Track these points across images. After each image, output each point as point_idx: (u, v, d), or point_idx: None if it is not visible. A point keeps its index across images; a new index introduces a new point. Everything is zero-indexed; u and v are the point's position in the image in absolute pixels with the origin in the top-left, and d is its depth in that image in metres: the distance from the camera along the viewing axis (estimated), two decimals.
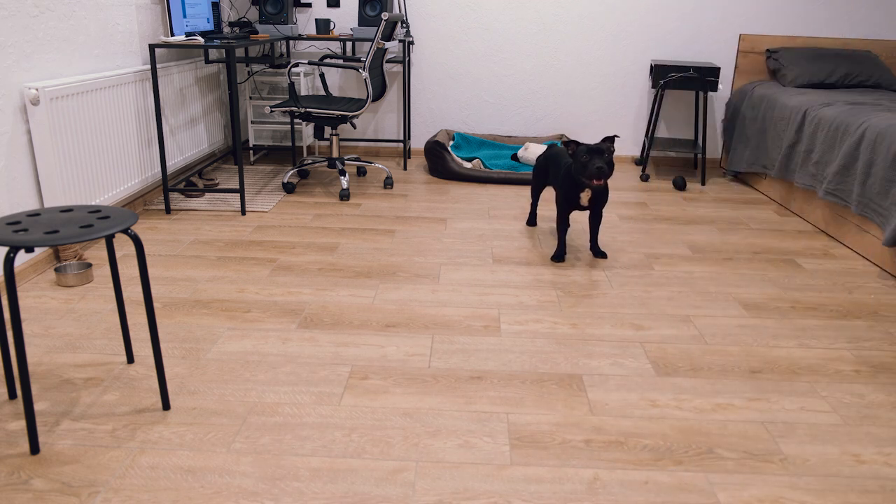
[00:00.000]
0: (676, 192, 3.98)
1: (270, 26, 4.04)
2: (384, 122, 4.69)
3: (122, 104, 3.01)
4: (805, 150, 3.42)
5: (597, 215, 2.85)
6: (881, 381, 1.97)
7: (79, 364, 1.94)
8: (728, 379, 1.96)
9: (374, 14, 4.14)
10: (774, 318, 2.36)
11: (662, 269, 2.77)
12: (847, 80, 4.06)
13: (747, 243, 3.12)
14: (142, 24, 3.31)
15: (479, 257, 2.84)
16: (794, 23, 4.36)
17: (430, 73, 4.55)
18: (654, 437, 1.68)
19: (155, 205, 3.44)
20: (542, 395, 1.85)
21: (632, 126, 4.62)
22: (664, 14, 4.36)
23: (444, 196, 3.74)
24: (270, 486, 1.47)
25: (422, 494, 1.46)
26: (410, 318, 2.28)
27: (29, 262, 2.51)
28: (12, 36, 2.39)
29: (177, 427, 1.67)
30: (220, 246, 2.89)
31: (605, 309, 2.39)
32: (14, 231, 1.45)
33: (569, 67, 4.51)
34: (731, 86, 4.50)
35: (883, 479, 1.56)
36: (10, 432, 1.63)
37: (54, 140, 2.52)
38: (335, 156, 3.83)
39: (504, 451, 1.61)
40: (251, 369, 1.94)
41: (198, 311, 2.29)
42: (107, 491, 1.44)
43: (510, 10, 4.40)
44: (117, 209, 1.63)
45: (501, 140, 4.58)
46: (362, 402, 1.80)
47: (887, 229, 2.71)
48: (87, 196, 2.76)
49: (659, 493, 1.49)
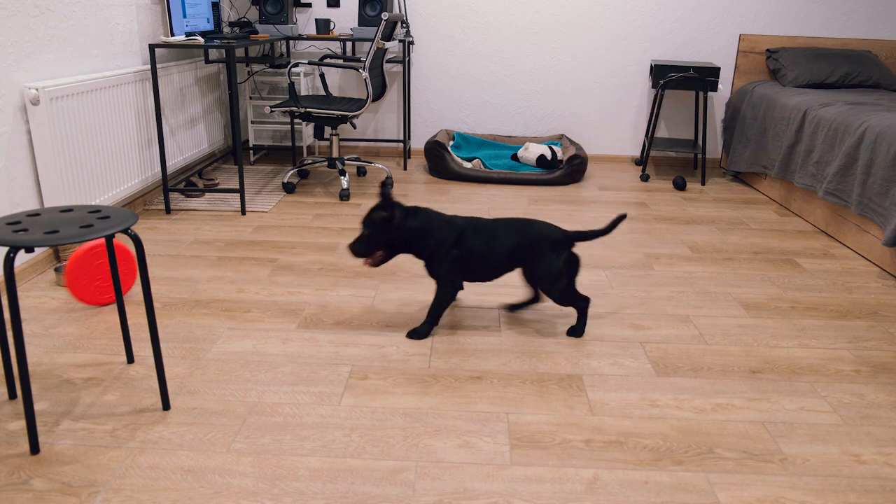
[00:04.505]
0: (676, 192, 3.98)
1: (270, 26, 4.04)
2: (384, 122, 4.69)
3: (122, 104, 3.01)
4: (805, 150, 3.42)
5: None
6: (881, 381, 1.97)
7: (79, 364, 1.94)
8: (728, 379, 1.96)
9: (374, 14, 4.14)
10: (774, 318, 2.36)
11: (662, 269, 2.77)
12: (847, 80, 4.06)
13: (747, 243, 3.12)
14: (142, 24, 3.31)
15: None
16: (793, 23, 4.36)
17: (430, 73, 4.55)
18: (654, 437, 1.68)
19: (155, 205, 3.44)
20: (542, 395, 1.85)
21: (632, 126, 4.62)
22: (664, 14, 4.36)
23: (444, 196, 3.73)
24: (270, 486, 1.47)
25: (422, 494, 1.46)
26: (410, 318, 2.28)
27: (29, 262, 2.51)
28: (12, 36, 2.39)
29: (177, 427, 1.67)
30: (220, 246, 2.89)
31: (605, 309, 2.39)
32: (14, 231, 1.45)
33: (569, 67, 4.51)
34: (731, 86, 4.50)
35: (883, 479, 1.56)
36: (10, 432, 1.63)
37: (54, 140, 2.52)
38: (335, 156, 3.83)
39: (504, 451, 1.61)
40: (251, 369, 1.94)
41: (198, 311, 2.29)
42: (107, 491, 1.44)
43: (510, 10, 4.40)
44: (117, 209, 1.63)
45: (501, 140, 4.58)
46: (362, 402, 1.80)
47: (887, 229, 2.71)
48: (87, 196, 2.76)
49: (659, 493, 1.49)
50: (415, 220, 2.06)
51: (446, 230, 2.08)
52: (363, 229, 2.08)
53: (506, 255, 2.09)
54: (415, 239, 2.07)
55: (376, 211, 2.06)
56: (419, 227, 2.06)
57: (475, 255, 2.08)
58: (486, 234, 2.10)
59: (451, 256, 2.08)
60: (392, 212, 2.04)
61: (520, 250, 2.09)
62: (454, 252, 2.08)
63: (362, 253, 2.09)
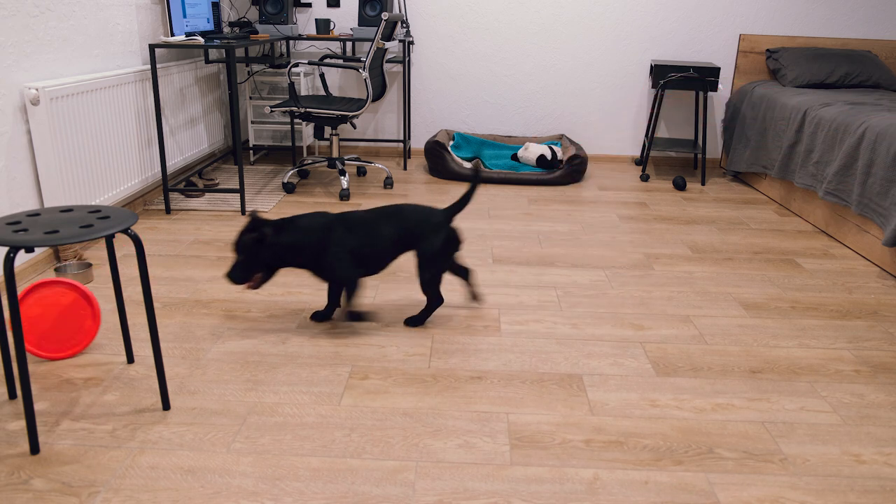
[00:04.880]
0: (676, 192, 3.98)
1: (270, 26, 4.04)
2: (384, 122, 4.69)
3: (122, 104, 3.01)
4: (805, 150, 3.42)
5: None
6: (881, 381, 1.97)
7: (79, 364, 1.94)
8: (728, 379, 1.96)
9: (374, 14, 4.14)
10: (774, 318, 2.36)
11: (662, 269, 2.77)
12: (847, 80, 4.06)
13: (747, 243, 3.12)
14: (142, 24, 3.31)
15: (479, 257, 2.84)
16: (793, 23, 4.36)
17: (430, 73, 4.55)
18: (654, 437, 1.68)
19: (155, 205, 3.44)
20: (542, 395, 1.85)
21: (632, 126, 4.62)
22: (664, 14, 4.36)
23: (444, 196, 3.73)
24: (270, 486, 1.47)
25: (422, 494, 1.46)
26: None
27: (29, 262, 2.51)
28: (12, 36, 2.39)
29: (177, 427, 1.67)
30: (221, 246, 2.89)
31: (605, 309, 2.39)
32: (14, 231, 1.45)
33: (569, 67, 4.51)
34: (731, 86, 4.50)
35: (883, 479, 1.56)
36: (10, 432, 1.63)
37: (54, 140, 2.52)
38: (335, 156, 3.83)
39: (504, 451, 1.61)
40: (251, 369, 1.94)
41: (198, 311, 2.29)
42: (107, 491, 1.44)
43: (510, 10, 4.40)
44: (117, 209, 1.63)
45: (501, 140, 4.58)
46: (362, 402, 1.80)
47: (887, 229, 2.71)
48: (87, 196, 2.76)
49: (659, 493, 1.49)
50: (287, 235, 2.03)
51: (322, 233, 2.04)
52: (236, 255, 2.04)
53: (392, 244, 2.10)
54: (292, 252, 2.04)
55: (245, 234, 2.01)
56: (293, 241, 2.03)
57: (362, 251, 2.07)
58: (366, 227, 2.08)
59: (339, 254, 2.05)
60: (261, 231, 2.00)
61: (405, 237, 2.10)
62: (338, 250, 2.05)
63: (240, 279, 2.05)
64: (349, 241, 2.07)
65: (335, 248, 2.05)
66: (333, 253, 2.05)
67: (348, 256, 2.07)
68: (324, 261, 2.06)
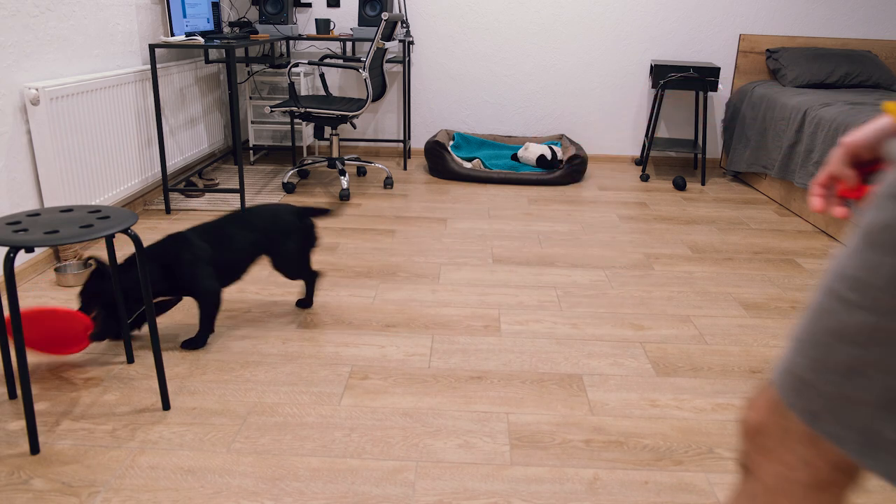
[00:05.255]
0: (676, 192, 3.98)
1: (270, 26, 4.04)
2: (384, 122, 4.69)
3: (121, 104, 3.01)
4: (805, 150, 3.42)
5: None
6: None
7: (79, 364, 1.94)
8: (728, 379, 1.96)
9: (374, 14, 4.14)
10: (774, 318, 2.36)
11: (662, 269, 2.77)
12: (847, 80, 4.06)
13: (747, 243, 3.12)
14: (142, 24, 3.31)
15: (479, 257, 2.84)
16: (793, 23, 4.36)
17: (430, 73, 4.55)
18: (654, 437, 1.68)
19: (155, 205, 3.44)
20: (542, 395, 1.85)
21: (632, 126, 4.62)
22: (664, 14, 4.36)
23: (444, 196, 3.73)
24: (270, 486, 1.47)
25: (422, 494, 1.46)
26: (410, 318, 2.28)
27: (29, 262, 2.51)
28: (12, 36, 2.39)
29: (177, 427, 1.67)
30: None
31: (605, 309, 2.39)
32: (14, 231, 1.45)
33: (569, 67, 4.51)
34: (731, 86, 4.49)
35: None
36: (10, 432, 1.63)
37: (54, 140, 2.52)
38: (335, 156, 3.83)
39: (504, 451, 1.61)
40: (251, 369, 1.94)
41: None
42: (107, 491, 1.44)
43: (510, 10, 4.40)
44: (117, 209, 1.63)
45: (501, 140, 4.58)
46: (362, 402, 1.80)
47: None
48: (87, 196, 2.76)
49: (659, 493, 1.49)
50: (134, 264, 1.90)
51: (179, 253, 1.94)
52: (95, 311, 1.88)
53: (249, 251, 2.09)
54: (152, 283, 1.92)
55: (92, 283, 1.87)
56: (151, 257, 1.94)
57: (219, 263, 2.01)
58: (220, 238, 2.02)
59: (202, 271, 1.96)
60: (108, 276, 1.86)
61: (262, 241, 2.11)
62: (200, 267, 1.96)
63: (109, 333, 1.90)
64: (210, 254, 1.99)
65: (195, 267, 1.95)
66: (190, 262, 1.95)
67: (209, 268, 1.99)
68: (183, 283, 1.95)
